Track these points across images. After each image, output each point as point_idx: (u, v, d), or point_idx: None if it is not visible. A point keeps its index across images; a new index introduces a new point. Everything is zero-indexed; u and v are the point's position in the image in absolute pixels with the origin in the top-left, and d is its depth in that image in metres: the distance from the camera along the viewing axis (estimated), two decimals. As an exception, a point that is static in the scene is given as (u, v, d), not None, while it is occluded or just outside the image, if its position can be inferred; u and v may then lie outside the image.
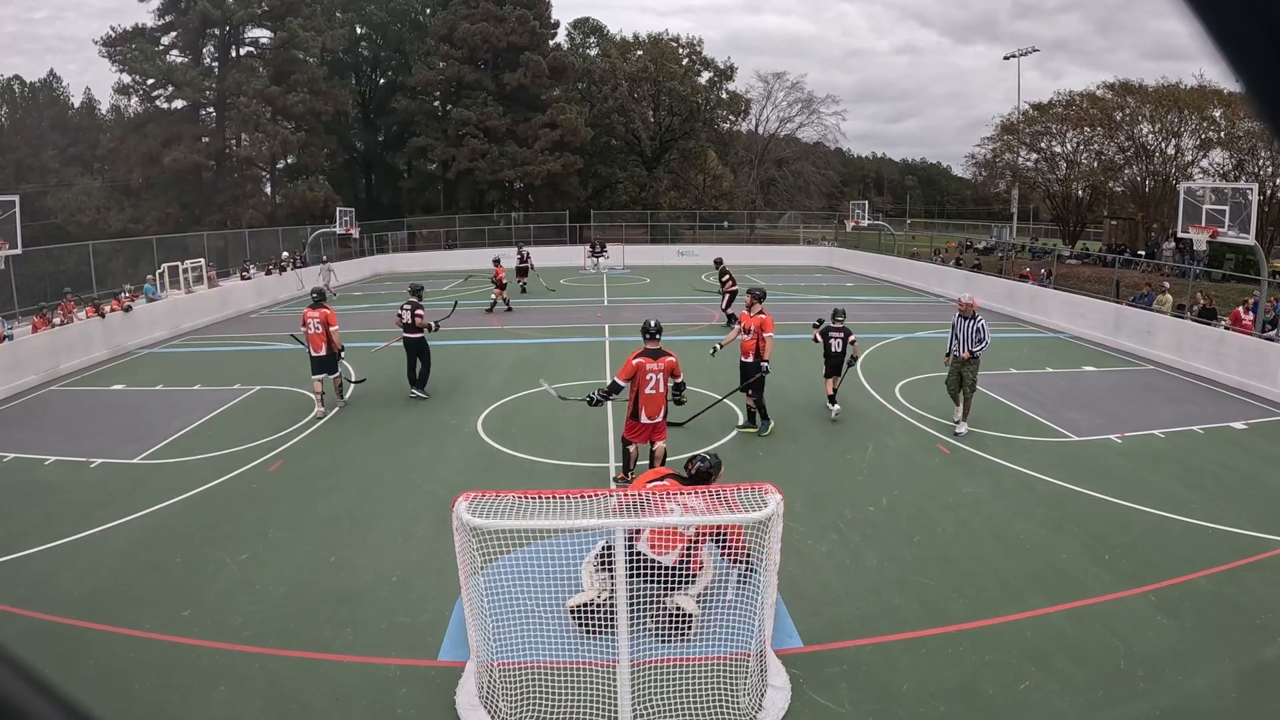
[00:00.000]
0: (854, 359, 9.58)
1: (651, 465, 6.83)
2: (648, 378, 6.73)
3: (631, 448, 7.00)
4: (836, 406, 9.50)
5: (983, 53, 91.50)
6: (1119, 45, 71.87)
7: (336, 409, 9.98)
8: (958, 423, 8.98)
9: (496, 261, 18.97)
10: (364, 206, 38.08)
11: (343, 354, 10.16)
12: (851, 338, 9.38)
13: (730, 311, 15.52)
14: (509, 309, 18.28)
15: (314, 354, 9.61)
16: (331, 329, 9.56)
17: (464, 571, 3.97)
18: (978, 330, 8.65)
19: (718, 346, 9.48)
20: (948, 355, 9.00)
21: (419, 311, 10.30)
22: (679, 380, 6.96)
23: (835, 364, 9.41)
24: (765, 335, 8.61)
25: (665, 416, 6.97)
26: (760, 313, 8.73)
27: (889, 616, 5.03)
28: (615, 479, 7.33)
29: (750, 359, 8.73)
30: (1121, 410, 9.92)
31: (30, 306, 14.72)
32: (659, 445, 6.96)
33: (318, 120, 36.39)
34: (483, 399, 10.43)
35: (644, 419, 6.82)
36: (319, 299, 9.93)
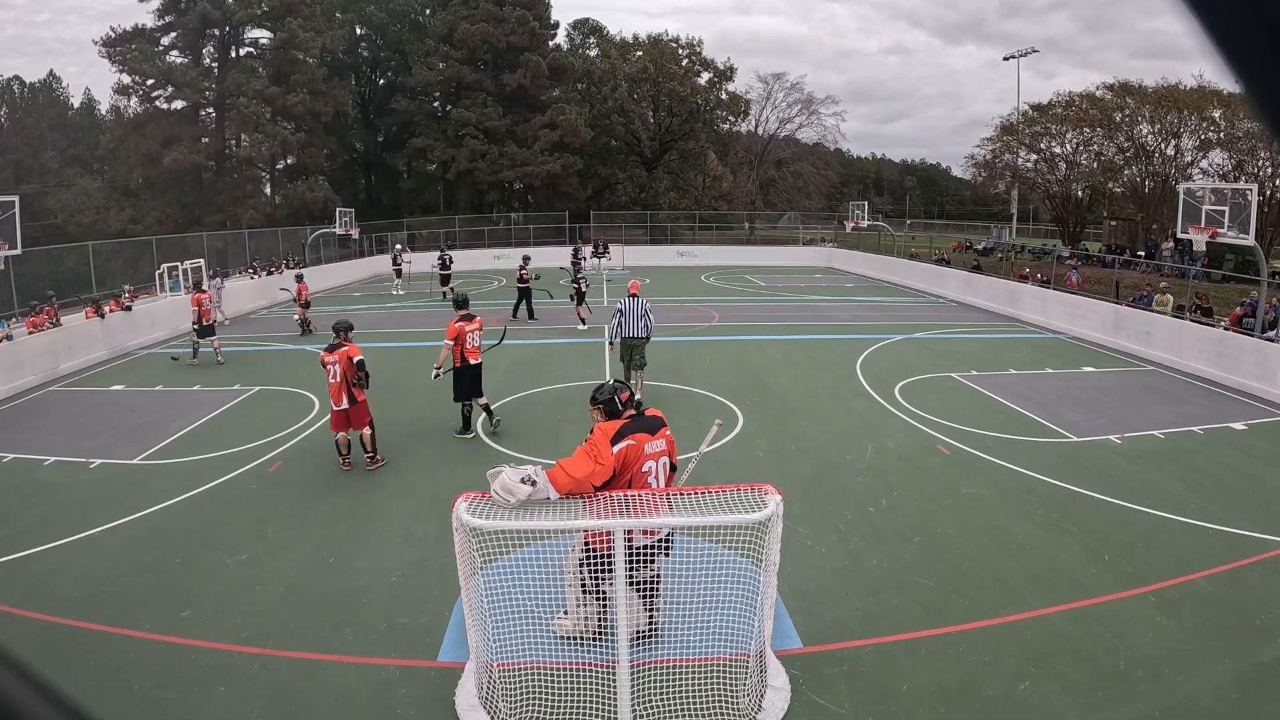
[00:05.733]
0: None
1: (365, 450, 7.78)
2: (327, 369, 7.63)
3: (339, 436, 7.79)
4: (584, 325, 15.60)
5: (973, 53, 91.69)
6: (1109, 44, 72.20)
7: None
8: None
9: (299, 278, 16.62)
10: (364, 207, 38.14)
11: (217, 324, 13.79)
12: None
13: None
14: (310, 330, 16.02)
15: (207, 323, 13.29)
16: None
17: (463, 572, 3.97)
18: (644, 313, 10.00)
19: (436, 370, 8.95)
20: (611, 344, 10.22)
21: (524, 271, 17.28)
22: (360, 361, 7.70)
23: (582, 296, 16.09)
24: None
25: (351, 404, 7.70)
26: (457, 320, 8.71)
27: (888, 617, 5.03)
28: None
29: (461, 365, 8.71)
30: (1121, 411, 9.92)
31: (26, 308, 14.76)
32: (364, 432, 7.82)
33: (317, 121, 36.41)
34: (482, 399, 10.42)
35: (334, 407, 7.73)
36: (198, 286, 14.91)
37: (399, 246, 25.84)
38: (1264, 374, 10.84)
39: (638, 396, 8.72)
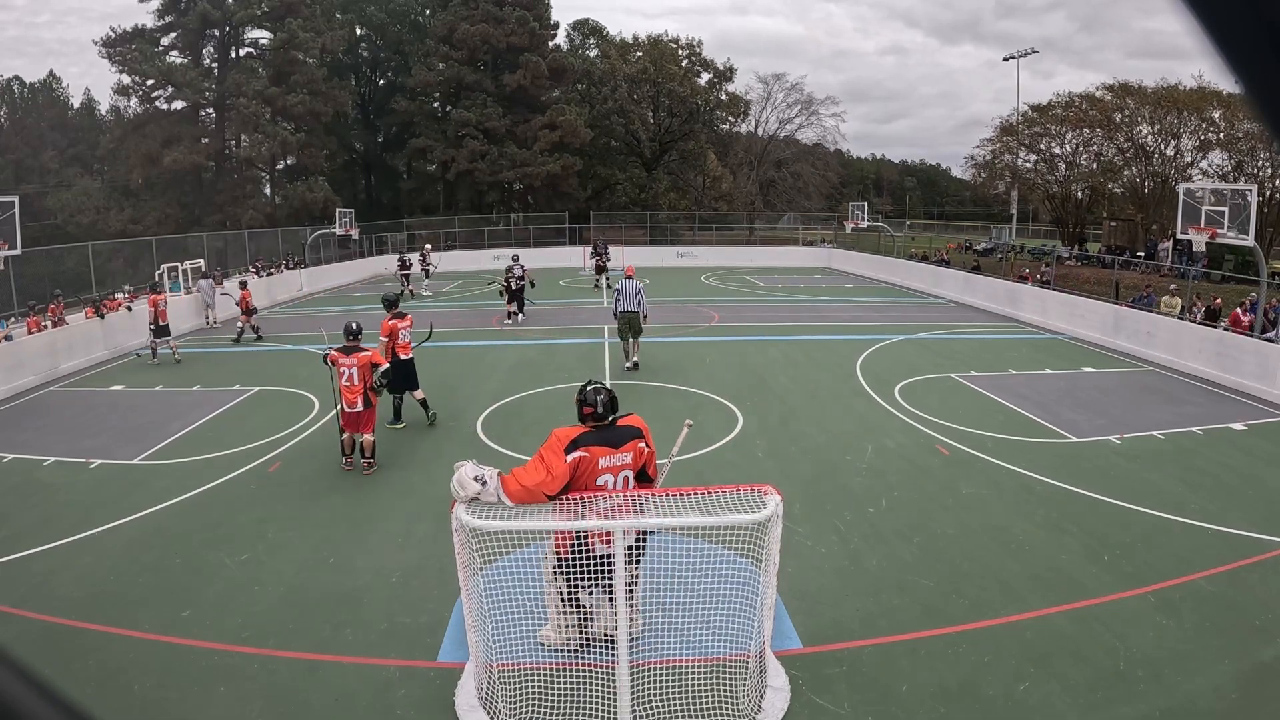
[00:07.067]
0: (532, 284, 17.50)
1: (364, 455, 7.71)
2: (341, 371, 7.58)
3: (345, 436, 7.79)
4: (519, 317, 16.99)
5: (970, 53, 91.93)
6: (1106, 44, 72.36)
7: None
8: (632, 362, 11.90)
9: (243, 285, 16.31)
10: (364, 207, 38.11)
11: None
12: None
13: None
14: (241, 338, 15.44)
15: (163, 323, 13.23)
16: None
17: (463, 572, 3.97)
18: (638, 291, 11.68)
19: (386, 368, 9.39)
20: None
21: (521, 274, 17.14)
22: (384, 368, 7.81)
23: (518, 295, 16.97)
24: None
25: (365, 408, 7.67)
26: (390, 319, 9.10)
27: (888, 617, 5.03)
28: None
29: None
30: (1121, 411, 9.91)
31: (26, 308, 14.76)
32: (365, 437, 7.74)
33: (317, 121, 36.40)
34: (482, 400, 10.43)
35: (345, 409, 7.64)
36: (154, 288, 14.89)
37: (428, 246, 25.78)
38: (1264, 374, 10.84)
39: (626, 365, 11.74)
